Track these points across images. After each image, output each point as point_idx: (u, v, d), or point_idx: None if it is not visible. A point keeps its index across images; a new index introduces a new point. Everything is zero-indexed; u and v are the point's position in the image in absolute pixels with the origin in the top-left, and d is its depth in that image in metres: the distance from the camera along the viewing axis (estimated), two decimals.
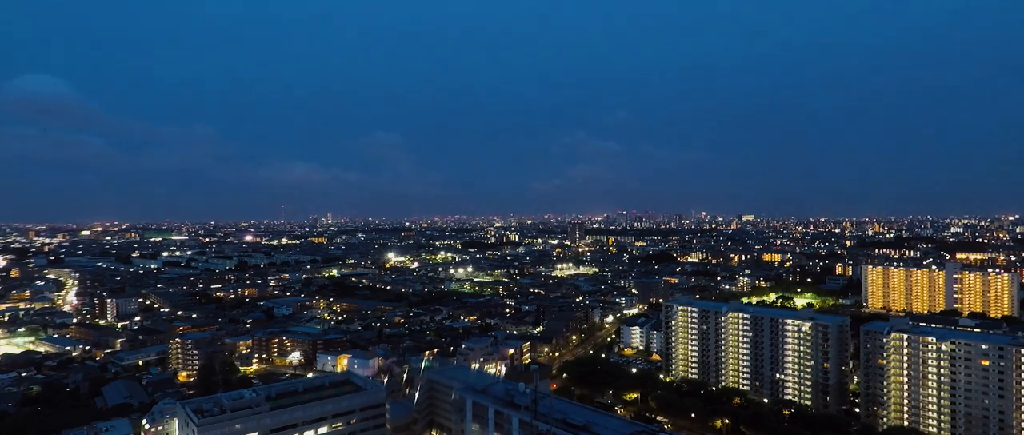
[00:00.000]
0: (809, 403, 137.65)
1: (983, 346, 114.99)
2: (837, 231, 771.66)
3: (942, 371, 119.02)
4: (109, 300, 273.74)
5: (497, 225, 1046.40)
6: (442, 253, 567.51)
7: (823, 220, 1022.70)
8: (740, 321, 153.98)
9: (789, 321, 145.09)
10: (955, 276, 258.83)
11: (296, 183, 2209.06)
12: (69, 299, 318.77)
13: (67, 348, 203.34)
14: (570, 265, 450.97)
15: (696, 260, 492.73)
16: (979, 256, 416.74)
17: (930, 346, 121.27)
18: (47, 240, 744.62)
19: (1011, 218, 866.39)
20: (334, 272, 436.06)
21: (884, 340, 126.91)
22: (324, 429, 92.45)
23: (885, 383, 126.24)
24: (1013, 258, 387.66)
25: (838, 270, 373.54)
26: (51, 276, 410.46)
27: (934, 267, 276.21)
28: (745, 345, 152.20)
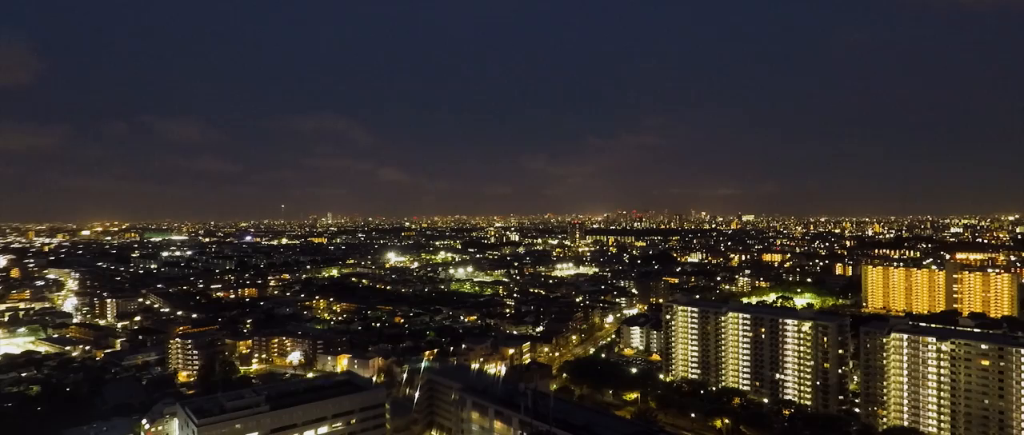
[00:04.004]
0: (809, 403, 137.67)
1: (983, 346, 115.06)
2: (837, 231, 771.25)
3: (942, 371, 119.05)
4: (109, 300, 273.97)
5: (497, 225, 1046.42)
6: (442, 253, 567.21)
7: (823, 220, 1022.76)
8: (740, 321, 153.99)
9: (789, 321, 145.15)
10: (955, 276, 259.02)
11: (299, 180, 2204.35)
12: (69, 299, 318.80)
13: (67, 348, 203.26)
14: (570, 265, 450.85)
15: (696, 260, 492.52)
16: (979, 256, 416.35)
17: (930, 346, 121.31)
18: (47, 240, 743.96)
19: (1011, 218, 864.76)
20: (334, 272, 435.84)
21: (884, 340, 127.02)
22: (324, 429, 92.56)
23: (885, 383, 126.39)
24: (1013, 258, 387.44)
25: (838, 270, 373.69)
26: (51, 276, 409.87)
27: (934, 267, 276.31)
28: (745, 345, 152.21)
